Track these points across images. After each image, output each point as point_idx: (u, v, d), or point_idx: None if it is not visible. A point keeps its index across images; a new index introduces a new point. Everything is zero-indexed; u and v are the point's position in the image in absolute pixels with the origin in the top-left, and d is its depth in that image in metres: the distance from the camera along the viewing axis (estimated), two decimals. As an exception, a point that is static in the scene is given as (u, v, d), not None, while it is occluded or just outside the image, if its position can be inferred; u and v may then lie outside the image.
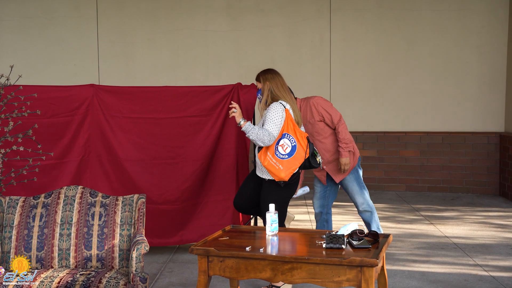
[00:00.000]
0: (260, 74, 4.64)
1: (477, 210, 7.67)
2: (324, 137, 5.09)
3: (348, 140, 5.04)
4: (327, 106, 5.03)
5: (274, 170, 4.38)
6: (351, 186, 5.28)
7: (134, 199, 3.92)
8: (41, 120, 5.07)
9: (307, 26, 9.31)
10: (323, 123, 5.05)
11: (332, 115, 5.00)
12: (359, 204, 5.33)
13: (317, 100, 5.03)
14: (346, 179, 5.25)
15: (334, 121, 5.01)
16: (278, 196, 4.49)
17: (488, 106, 8.94)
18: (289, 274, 3.22)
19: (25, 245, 3.75)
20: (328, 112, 5.00)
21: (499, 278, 4.87)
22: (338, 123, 5.01)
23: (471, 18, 8.94)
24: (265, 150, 4.41)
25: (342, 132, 5.02)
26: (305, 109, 5.04)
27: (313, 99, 5.04)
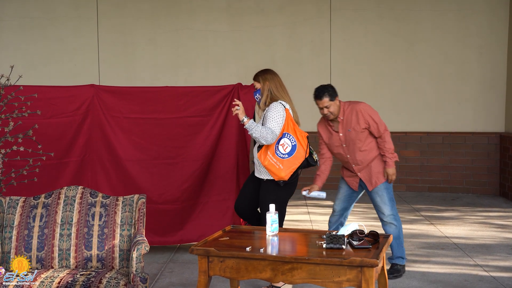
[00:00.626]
0: (259, 74, 4.63)
1: (477, 210, 7.67)
2: (365, 145, 4.86)
3: (393, 150, 4.86)
4: (374, 115, 4.84)
5: (274, 169, 4.38)
6: (381, 195, 4.93)
7: (134, 199, 3.92)
8: (42, 120, 5.07)
9: (307, 26, 9.31)
10: (368, 131, 4.84)
11: (378, 124, 4.80)
12: (385, 216, 4.96)
13: (364, 108, 4.82)
14: (378, 188, 4.93)
15: (381, 130, 4.81)
16: (277, 196, 4.49)
17: (488, 106, 8.94)
18: (289, 274, 3.22)
19: (25, 245, 3.75)
20: (375, 121, 4.80)
21: (499, 278, 4.87)
22: (384, 132, 4.82)
23: (471, 18, 8.94)
24: (265, 149, 4.42)
25: (389, 142, 4.83)
26: (350, 115, 4.81)
27: (360, 106, 4.82)
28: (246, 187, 4.74)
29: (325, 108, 4.75)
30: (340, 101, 4.85)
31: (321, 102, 4.75)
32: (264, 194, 4.51)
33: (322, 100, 4.74)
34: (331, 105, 4.75)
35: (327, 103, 4.74)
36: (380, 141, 4.85)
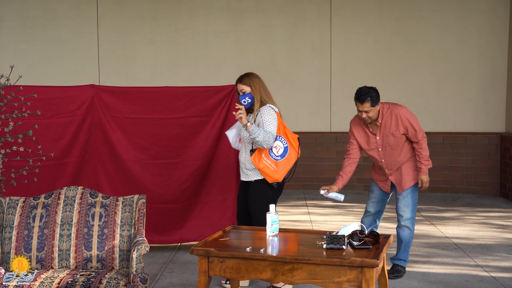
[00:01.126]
0: (246, 78, 4.50)
1: (477, 211, 7.67)
2: (401, 149, 4.79)
3: (428, 157, 4.78)
4: (413, 120, 4.72)
5: (269, 171, 4.40)
6: (406, 199, 4.84)
7: (134, 200, 3.91)
8: (41, 120, 5.06)
9: (307, 26, 9.30)
10: (405, 136, 4.76)
11: (417, 131, 4.72)
12: (404, 218, 4.84)
13: (403, 112, 4.69)
14: (406, 191, 4.85)
15: (419, 137, 4.74)
16: (267, 196, 4.49)
17: (489, 106, 8.93)
18: (289, 275, 3.22)
19: (25, 245, 3.74)
20: (414, 127, 4.71)
21: (500, 278, 4.87)
22: (422, 139, 4.75)
23: (472, 18, 8.93)
24: (259, 152, 4.41)
25: (425, 149, 4.76)
26: (389, 119, 4.70)
27: (399, 110, 4.69)
28: (240, 198, 4.69)
29: (365, 113, 4.65)
30: (381, 104, 4.74)
31: (362, 106, 4.64)
32: (253, 195, 4.50)
33: (363, 105, 4.62)
34: (371, 111, 4.64)
35: (367, 108, 4.62)
36: (417, 147, 4.77)
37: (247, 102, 4.47)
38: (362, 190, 9.17)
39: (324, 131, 9.30)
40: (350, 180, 9.14)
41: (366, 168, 9.13)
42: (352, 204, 8.05)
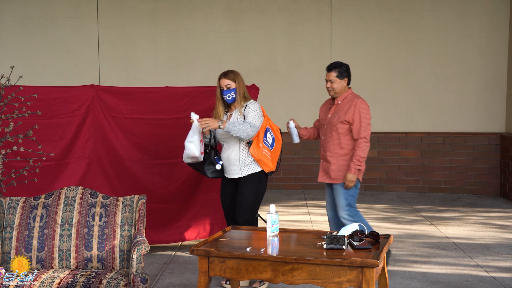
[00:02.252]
0: (231, 74, 4.57)
1: (477, 211, 7.67)
2: (340, 137, 4.91)
3: (363, 160, 4.86)
4: (364, 116, 4.87)
5: (267, 161, 4.54)
6: (338, 196, 4.98)
7: (134, 200, 3.92)
8: (42, 120, 5.06)
9: (307, 26, 9.31)
10: (350, 128, 4.89)
11: (361, 127, 4.84)
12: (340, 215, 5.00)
13: (360, 105, 4.89)
14: (336, 189, 4.98)
15: (360, 134, 4.84)
16: (259, 189, 4.61)
17: (489, 106, 8.93)
18: (289, 275, 3.22)
19: (25, 245, 3.74)
20: (360, 123, 4.84)
21: (500, 278, 4.87)
22: (362, 139, 4.84)
23: (471, 19, 8.94)
24: (257, 143, 4.51)
25: (362, 150, 4.83)
26: (347, 104, 4.91)
27: (359, 102, 4.90)
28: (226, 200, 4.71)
29: (329, 82, 4.94)
30: (350, 89, 5.05)
31: (328, 75, 4.97)
32: (248, 189, 4.56)
33: (329, 73, 4.96)
34: (335, 82, 4.94)
35: (332, 78, 4.94)
36: (355, 144, 4.89)
37: (231, 97, 4.53)
38: (362, 190, 9.17)
39: (324, 131, 9.29)
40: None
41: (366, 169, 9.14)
42: (352, 204, 8.04)
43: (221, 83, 4.53)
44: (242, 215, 4.55)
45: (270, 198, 8.34)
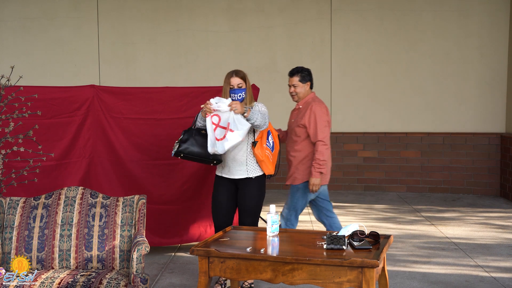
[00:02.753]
0: (242, 73, 4.50)
1: (478, 211, 7.67)
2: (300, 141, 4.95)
3: (323, 162, 4.83)
4: (320, 121, 4.85)
5: (268, 162, 4.51)
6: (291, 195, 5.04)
7: (134, 200, 3.92)
8: (42, 120, 5.06)
9: (307, 26, 9.31)
10: (306, 132, 4.89)
11: (317, 131, 4.83)
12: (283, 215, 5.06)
13: (317, 109, 4.87)
14: (292, 187, 5.04)
15: (317, 137, 4.83)
16: (263, 192, 4.62)
17: (489, 107, 8.94)
18: (289, 275, 3.22)
19: (25, 246, 3.74)
20: (316, 127, 4.84)
21: (500, 279, 4.87)
22: (319, 142, 4.83)
23: (471, 19, 8.94)
24: (261, 144, 4.48)
25: (321, 153, 4.82)
26: (306, 108, 4.93)
27: (316, 106, 4.89)
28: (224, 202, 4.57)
29: (292, 87, 4.97)
30: (313, 93, 5.05)
31: (290, 80, 4.98)
32: (254, 191, 4.52)
33: (292, 78, 4.97)
34: (298, 86, 4.97)
35: (295, 82, 4.96)
36: (314, 148, 4.88)
37: (241, 97, 4.45)
38: (362, 190, 9.17)
39: (324, 132, 9.28)
40: (350, 180, 9.23)
41: (366, 169, 9.17)
42: (352, 205, 8.05)
43: (232, 81, 4.43)
44: (249, 217, 4.53)
45: (270, 198, 8.34)
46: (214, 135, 4.29)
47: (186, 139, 4.42)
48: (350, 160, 9.20)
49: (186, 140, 4.41)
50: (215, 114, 4.31)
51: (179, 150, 4.40)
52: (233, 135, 4.24)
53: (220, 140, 4.27)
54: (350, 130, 9.26)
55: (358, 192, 9.08)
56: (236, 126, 4.25)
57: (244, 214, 4.53)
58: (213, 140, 4.29)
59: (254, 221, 4.60)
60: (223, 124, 4.28)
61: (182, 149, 4.40)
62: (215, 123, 4.31)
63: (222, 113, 4.29)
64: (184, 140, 4.41)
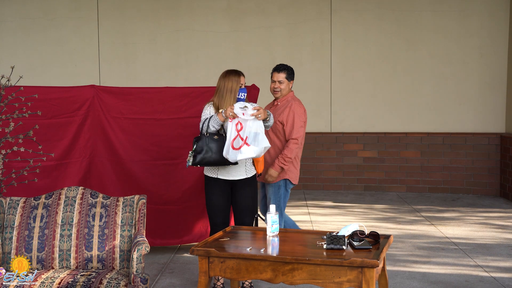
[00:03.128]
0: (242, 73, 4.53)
1: (477, 211, 7.67)
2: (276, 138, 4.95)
3: (288, 160, 4.83)
4: (298, 119, 4.86)
5: (262, 161, 4.57)
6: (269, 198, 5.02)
7: (135, 200, 3.92)
8: (42, 121, 5.07)
9: (307, 27, 9.31)
10: (282, 128, 4.91)
11: (293, 129, 4.84)
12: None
13: (296, 107, 4.89)
14: (269, 188, 5.02)
15: (292, 135, 4.84)
16: (257, 190, 4.64)
17: (489, 107, 8.94)
18: (289, 275, 3.22)
19: (25, 246, 3.75)
20: (293, 125, 4.84)
21: (500, 279, 4.87)
22: (292, 140, 4.83)
23: (471, 19, 8.94)
24: None
25: (291, 152, 4.83)
26: (285, 105, 4.93)
27: (295, 104, 4.91)
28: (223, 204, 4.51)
29: (278, 82, 4.93)
30: (292, 92, 5.03)
31: (277, 76, 4.94)
32: (252, 191, 4.54)
33: (279, 74, 4.94)
34: (284, 83, 4.95)
35: (281, 78, 4.93)
36: (285, 145, 4.88)
37: (245, 96, 4.44)
38: (362, 191, 9.17)
39: (324, 132, 9.30)
40: (350, 181, 9.23)
41: (366, 169, 9.17)
42: (352, 205, 8.05)
43: (241, 80, 4.43)
44: (248, 217, 4.54)
45: (270, 198, 8.34)
46: (232, 142, 4.24)
47: (200, 149, 4.30)
48: (350, 160, 9.21)
49: (201, 150, 4.30)
50: (238, 121, 4.25)
51: (196, 162, 4.31)
52: (248, 149, 4.20)
53: (235, 150, 4.23)
54: (350, 130, 9.27)
55: (358, 192, 9.08)
56: (254, 141, 4.21)
57: (242, 214, 4.53)
58: (229, 146, 4.24)
59: (253, 220, 4.62)
60: (242, 135, 4.24)
61: (199, 160, 4.30)
62: (237, 131, 4.25)
63: (245, 121, 4.24)
64: (199, 150, 4.30)
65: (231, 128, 4.24)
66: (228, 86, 4.39)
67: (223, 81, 4.42)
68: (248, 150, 4.19)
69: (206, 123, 4.35)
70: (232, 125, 4.24)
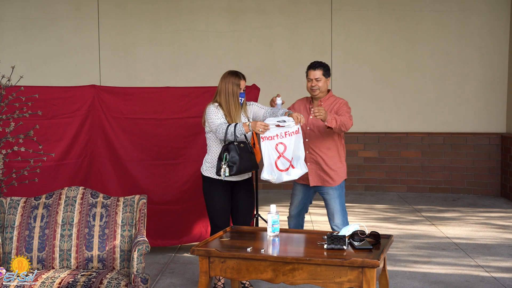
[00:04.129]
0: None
1: (478, 211, 7.67)
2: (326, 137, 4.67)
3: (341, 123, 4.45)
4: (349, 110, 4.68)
5: (259, 153, 4.58)
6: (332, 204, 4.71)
7: (135, 200, 3.92)
8: (42, 121, 5.07)
9: (308, 26, 9.31)
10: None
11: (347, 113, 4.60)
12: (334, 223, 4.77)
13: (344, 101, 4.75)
14: (329, 194, 4.69)
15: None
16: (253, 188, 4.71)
17: (490, 106, 8.93)
18: (290, 275, 3.22)
19: (26, 245, 3.75)
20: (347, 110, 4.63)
21: (501, 279, 4.87)
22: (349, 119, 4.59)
23: (472, 19, 8.93)
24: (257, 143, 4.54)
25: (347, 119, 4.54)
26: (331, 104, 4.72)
27: (342, 100, 4.76)
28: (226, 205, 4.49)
29: (315, 80, 4.66)
30: (330, 91, 4.83)
31: (313, 73, 4.68)
32: (251, 190, 4.59)
33: (315, 71, 4.68)
34: (322, 80, 4.69)
35: (319, 76, 4.68)
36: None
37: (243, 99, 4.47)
38: (363, 190, 9.17)
39: (325, 132, 9.29)
40: (351, 180, 9.22)
41: (366, 169, 9.16)
42: (353, 205, 8.05)
43: (242, 84, 4.40)
44: (248, 215, 4.57)
45: (270, 198, 8.35)
46: (274, 163, 4.23)
47: (235, 159, 4.22)
48: (350, 160, 9.18)
49: (236, 161, 4.22)
50: (281, 142, 4.23)
51: (234, 173, 4.24)
52: (294, 171, 4.26)
53: (281, 171, 4.25)
54: (351, 130, 9.13)
55: (359, 192, 9.08)
56: (297, 164, 4.25)
57: (243, 214, 4.53)
58: (273, 167, 4.24)
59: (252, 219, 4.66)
60: (288, 156, 4.24)
61: (236, 171, 4.24)
62: (280, 152, 4.24)
63: (288, 142, 4.23)
64: (234, 161, 4.21)
65: (269, 148, 4.23)
66: (229, 90, 4.38)
67: (224, 84, 4.40)
68: (295, 172, 4.25)
69: (231, 131, 4.24)
70: (270, 145, 4.23)
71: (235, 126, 4.23)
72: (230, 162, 4.21)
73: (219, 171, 4.24)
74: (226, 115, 4.35)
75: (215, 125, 4.30)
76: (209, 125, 4.37)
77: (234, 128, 4.22)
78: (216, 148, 4.39)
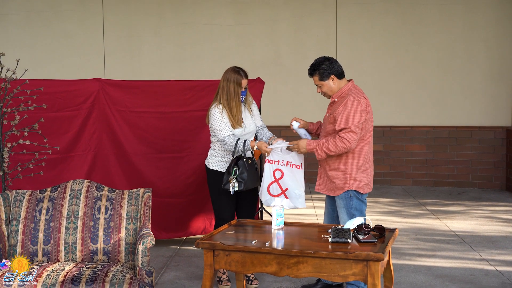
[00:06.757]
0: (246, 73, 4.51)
1: (483, 205, 7.66)
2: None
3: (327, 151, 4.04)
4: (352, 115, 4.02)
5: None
6: (340, 213, 4.21)
7: (140, 193, 3.92)
8: (47, 114, 5.08)
9: (313, 20, 9.28)
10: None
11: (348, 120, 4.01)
12: None
13: (350, 101, 4.07)
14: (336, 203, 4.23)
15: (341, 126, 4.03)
16: None
17: (495, 100, 8.90)
18: (295, 268, 3.22)
19: (31, 238, 3.76)
20: (347, 117, 4.02)
21: (505, 272, 4.86)
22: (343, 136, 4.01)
23: (478, 12, 8.89)
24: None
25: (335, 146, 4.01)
26: (342, 101, 4.15)
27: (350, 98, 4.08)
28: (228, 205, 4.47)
29: (318, 87, 4.27)
30: (349, 82, 4.27)
31: (312, 80, 4.31)
32: None
33: (312, 78, 4.30)
34: (322, 85, 4.23)
35: (317, 82, 4.26)
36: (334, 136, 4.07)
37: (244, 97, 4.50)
38: (368, 184, 9.16)
39: (330, 125, 9.28)
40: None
41: (371, 162, 9.15)
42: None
43: (243, 83, 4.39)
44: (254, 208, 4.64)
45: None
46: (268, 187, 4.30)
47: (245, 175, 4.25)
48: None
49: (246, 177, 4.25)
50: (279, 168, 4.28)
51: (243, 189, 4.27)
52: (285, 201, 4.26)
53: (271, 196, 4.29)
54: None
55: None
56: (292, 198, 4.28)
57: (248, 206, 4.56)
58: (265, 190, 4.31)
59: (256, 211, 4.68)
60: (282, 185, 4.28)
61: (243, 188, 4.27)
62: (276, 178, 4.28)
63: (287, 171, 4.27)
64: (244, 177, 4.24)
65: (268, 171, 4.30)
66: (230, 89, 4.38)
67: (226, 82, 4.39)
68: (284, 202, 4.21)
69: (239, 147, 4.29)
70: (269, 168, 4.30)
71: (244, 143, 4.30)
72: (239, 177, 4.26)
73: (226, 184, 4.29)
74: (228, 114, 4.38)
75: (221, 136, 4.33)
76: (214, 131, 4.40)
77: (244, 146, 4.30)
78: (220, 145, 4.45)
